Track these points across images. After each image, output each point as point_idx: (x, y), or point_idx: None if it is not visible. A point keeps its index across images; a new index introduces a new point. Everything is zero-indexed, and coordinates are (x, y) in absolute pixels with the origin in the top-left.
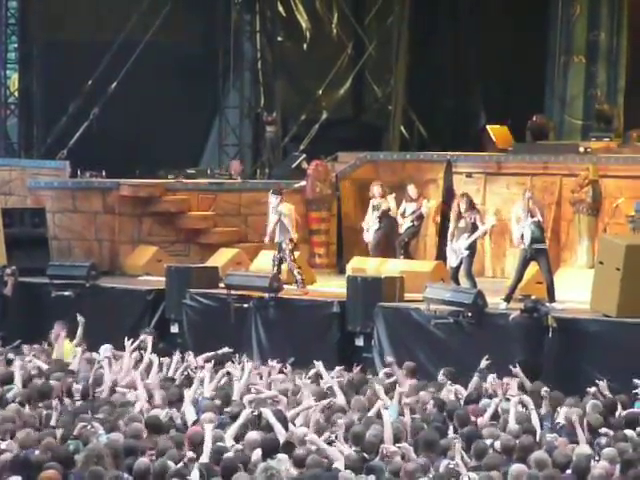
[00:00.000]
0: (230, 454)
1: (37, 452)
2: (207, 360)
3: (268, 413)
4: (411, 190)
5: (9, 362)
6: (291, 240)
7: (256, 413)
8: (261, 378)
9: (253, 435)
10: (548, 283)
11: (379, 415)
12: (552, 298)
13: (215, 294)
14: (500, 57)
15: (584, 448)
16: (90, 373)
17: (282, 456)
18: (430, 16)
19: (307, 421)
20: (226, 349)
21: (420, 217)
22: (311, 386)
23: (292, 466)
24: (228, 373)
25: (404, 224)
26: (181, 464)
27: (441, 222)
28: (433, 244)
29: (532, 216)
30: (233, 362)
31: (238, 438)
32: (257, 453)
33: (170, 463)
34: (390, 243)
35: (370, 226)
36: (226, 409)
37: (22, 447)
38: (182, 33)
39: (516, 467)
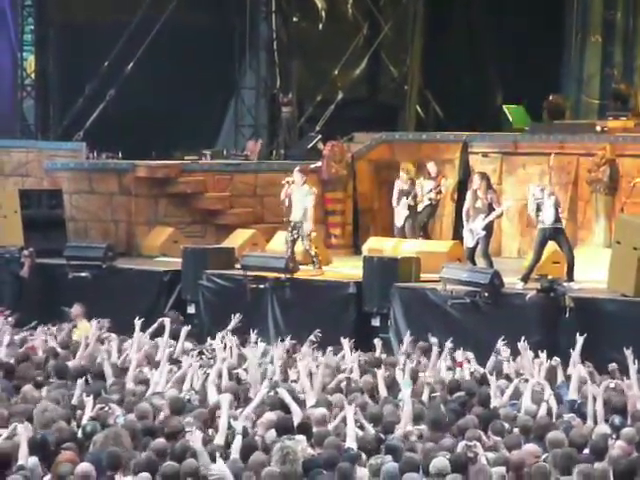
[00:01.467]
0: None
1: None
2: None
3: (284, 393)
4: (431, 167)
5: (23, 343)
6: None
7: (272, 393)
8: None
9: (269, 415)
10: (569, 261)
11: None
12: (572, 276)
13: (231, 275)
14: (516, 36)
15: (602, 427)
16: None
17: (300, 437)
18: None
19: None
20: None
21: (439, 194)
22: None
23: (309, 446)
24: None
25: (422, 202)
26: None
27: (457, 202)
28: (450, 224)
29: (550, 195)
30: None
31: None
32: (272, 433)
33: (190, 444)
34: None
35: (400, 211)
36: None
37: (39, 429)
38: (198, 14)
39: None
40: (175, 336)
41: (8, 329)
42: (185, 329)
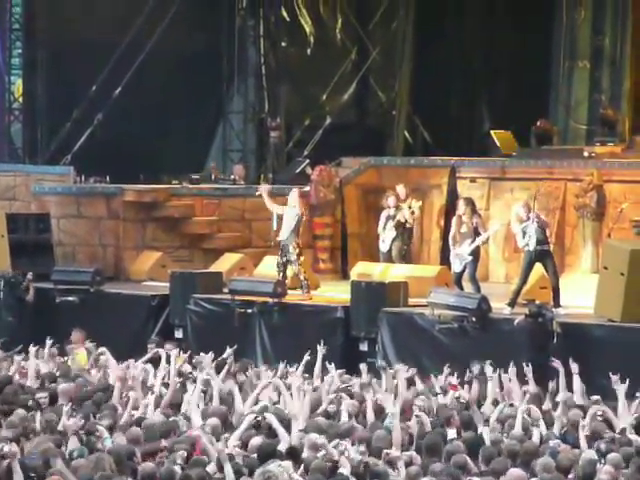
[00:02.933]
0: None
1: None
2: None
3: (272, 418)
4: (400, 190)
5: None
6: (297, 244)
7: (259, 419)
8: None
9: (257, 440)
10: (554, 286)
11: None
12: (557, 301)
13: (219, 299)
14: (505, 62)
15: (589, 453)
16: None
17: (286, 463)
18: (434, 21)
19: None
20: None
21: (412, 214)
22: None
23: (296, 472)
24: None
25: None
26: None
27: (444, 227)
28: (437, 249)
29: (535, 217)
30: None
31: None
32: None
33: (177, 468)
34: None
35: (386, 236)
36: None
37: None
38: (186, 38)
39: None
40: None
41: None
42: (174, 352)
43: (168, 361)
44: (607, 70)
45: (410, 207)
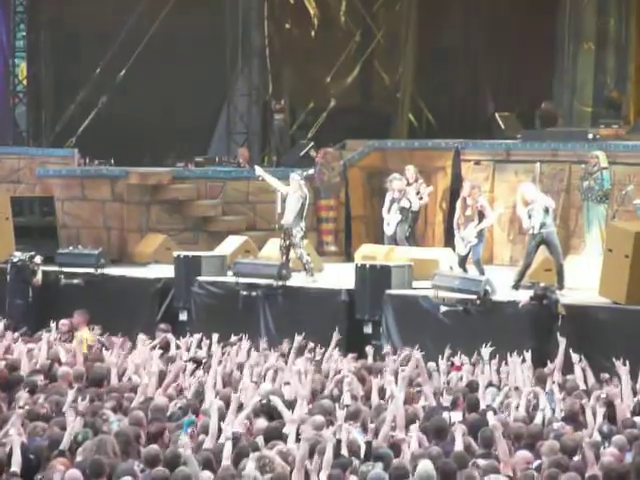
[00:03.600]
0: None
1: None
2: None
3: (277, 401)
4: (409, 173)
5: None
6: (301, 228)
7: (265, 401)
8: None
9: (262, 423)
10: (558, 268)
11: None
12: (561, 283)
13: (223, 282)
14: (509, 44)
15: (593, 435)
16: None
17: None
18: (438, 4)
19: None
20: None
21: (420, 199)
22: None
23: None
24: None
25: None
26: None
27: (449, 209)
28: (441, 231)
29: (541, 200)
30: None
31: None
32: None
33: (181, 450)
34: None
35: (391, 219)
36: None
37: (30, 435)
38: (190, 20)
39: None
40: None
41: None
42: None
43: (178, 346)
44: (612, 52)
45: (419, 192)
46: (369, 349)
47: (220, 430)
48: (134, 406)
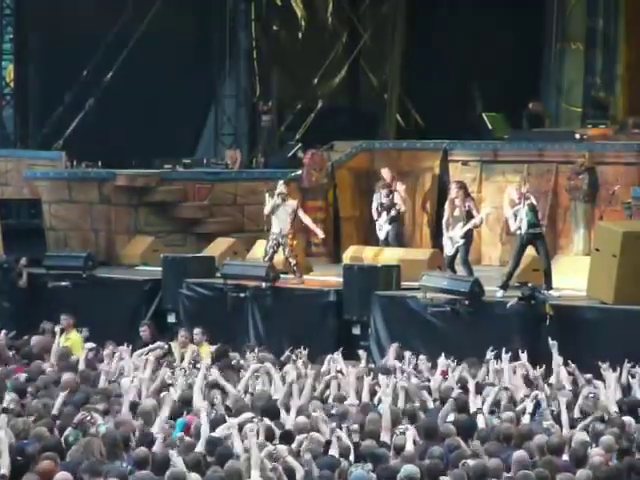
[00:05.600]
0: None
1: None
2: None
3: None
4: (385, 174)
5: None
6: (290, 231)
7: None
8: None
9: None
10: (545, 268)
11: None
12: (549, 283)
13: (212, 284)
14: (496, 44)
15: (581, 435)
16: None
17: (281, 447)
18: (425, 4)
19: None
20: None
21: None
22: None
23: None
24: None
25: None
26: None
27: (437, 210)
28: (429, 232)
29: (526, 199)
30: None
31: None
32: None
33: (171, 451)
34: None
35: (382, 225)
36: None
37: (17, 437)
38: (177, 22)
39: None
40: None
41: None
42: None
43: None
44: (600, 52)
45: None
46: (362, 353)
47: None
48: (122, 409)
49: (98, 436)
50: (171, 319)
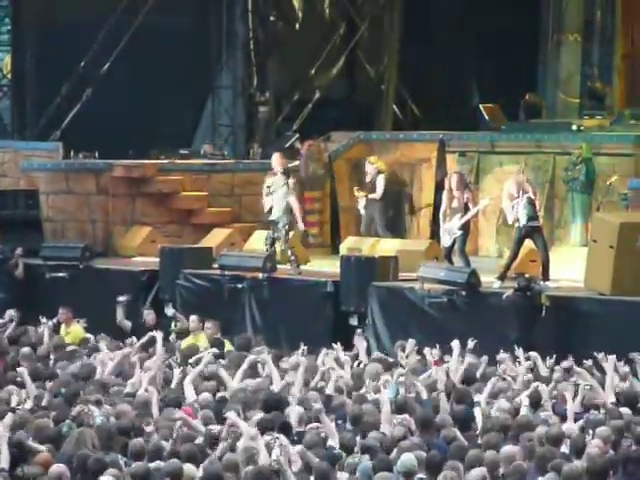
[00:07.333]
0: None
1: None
2: None
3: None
4: (369, 167)
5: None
6: (287, 221)
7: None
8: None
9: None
10: (544, 260)
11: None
12: (547, 275)
13: (209, 274)
14: (493, 35)
15: (578, 426)
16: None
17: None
18: None
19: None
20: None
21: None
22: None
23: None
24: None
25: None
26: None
27: (434, 201)
28: (427, 223)
29: (525, 193)
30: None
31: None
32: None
33: (165, 443)
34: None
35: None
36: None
37: (13, 429)
38: (174, 13)
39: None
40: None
41: None
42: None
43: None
44: (597, 43)
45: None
46: (359, 340)
47: None
48: (120, 400)
49: (92, 428)
50: (168, 310)
